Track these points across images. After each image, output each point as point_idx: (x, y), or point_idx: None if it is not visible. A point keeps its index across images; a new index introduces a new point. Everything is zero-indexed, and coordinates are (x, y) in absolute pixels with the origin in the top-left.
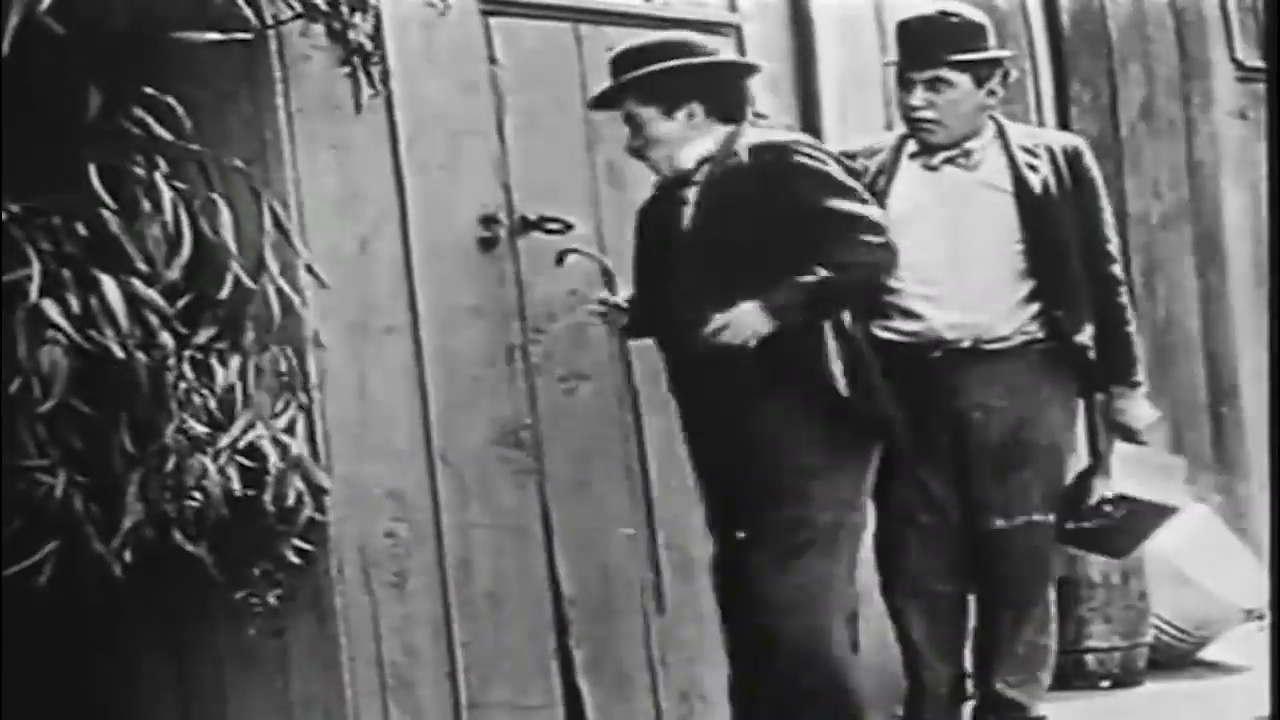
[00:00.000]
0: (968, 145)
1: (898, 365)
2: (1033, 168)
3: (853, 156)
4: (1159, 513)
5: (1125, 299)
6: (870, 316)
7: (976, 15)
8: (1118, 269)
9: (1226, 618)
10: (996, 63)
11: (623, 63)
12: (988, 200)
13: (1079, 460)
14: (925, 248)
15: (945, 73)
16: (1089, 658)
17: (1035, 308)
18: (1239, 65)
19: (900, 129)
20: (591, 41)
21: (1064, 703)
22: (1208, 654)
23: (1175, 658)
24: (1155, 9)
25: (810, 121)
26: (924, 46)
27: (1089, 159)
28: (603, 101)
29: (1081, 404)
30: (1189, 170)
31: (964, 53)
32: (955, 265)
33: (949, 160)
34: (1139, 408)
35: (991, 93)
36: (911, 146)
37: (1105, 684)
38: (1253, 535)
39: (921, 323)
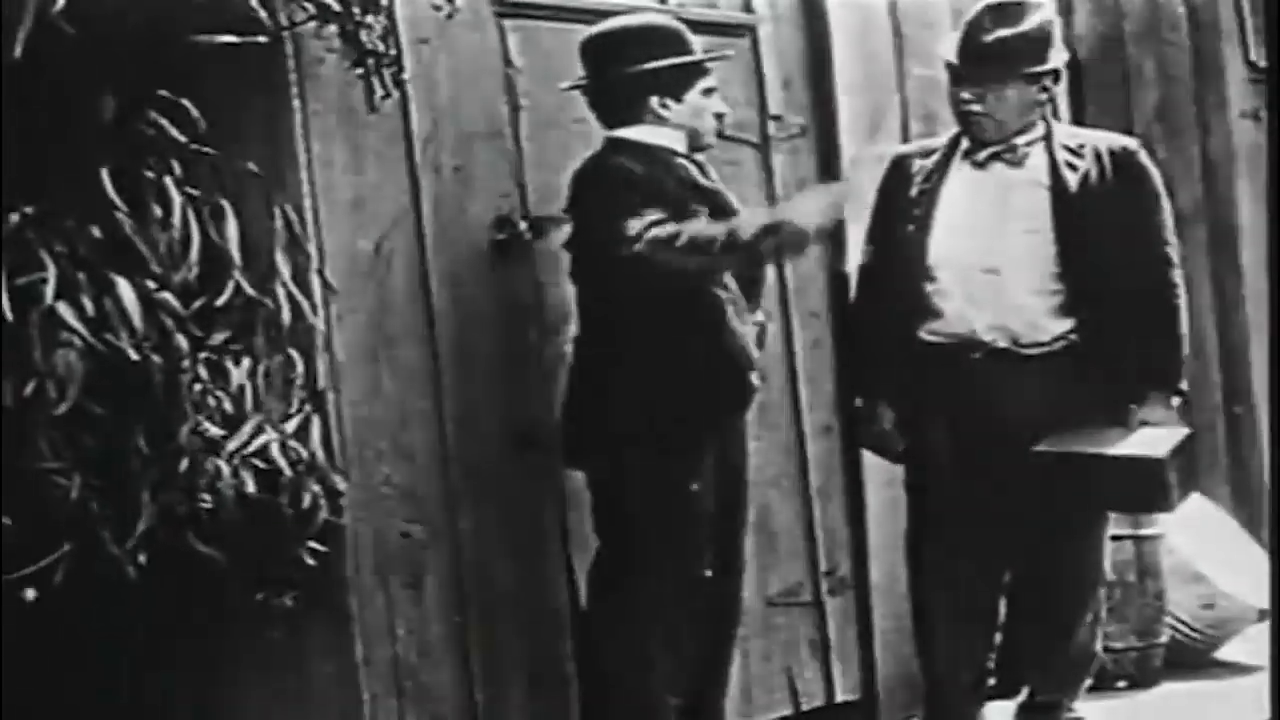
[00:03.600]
0: (1016, 141)
1: (939, 366)
2: (1072, 166)
3: (908, 156)
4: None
5: (1178, 303)
6: (914, 317)
7: (1044, 19)
8: (1175, 274)
9: (1242, 617)
10: None
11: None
12: (1030, 198)
13: None
14: (968, 248)
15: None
16: (1105, 657)
17: (1070, 311)
18: (1253, 67)
19: (953, 127)
20: None
21: (1080, 703)
22: (1224, 654)
23: (1191, 657)
24: (1169, 10)
25: (824, 123)
26: (983, 60)
27: (1144, 159)
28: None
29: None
30: (1203, 171)
31: (1029, 65)
32: (995, 265)
33: (996, 156)
34: (1162, 414)
35: (1044, 89)
36: (964, 145)
37: (1121, 684)
38: (1266, 534)
39: (962, 324)
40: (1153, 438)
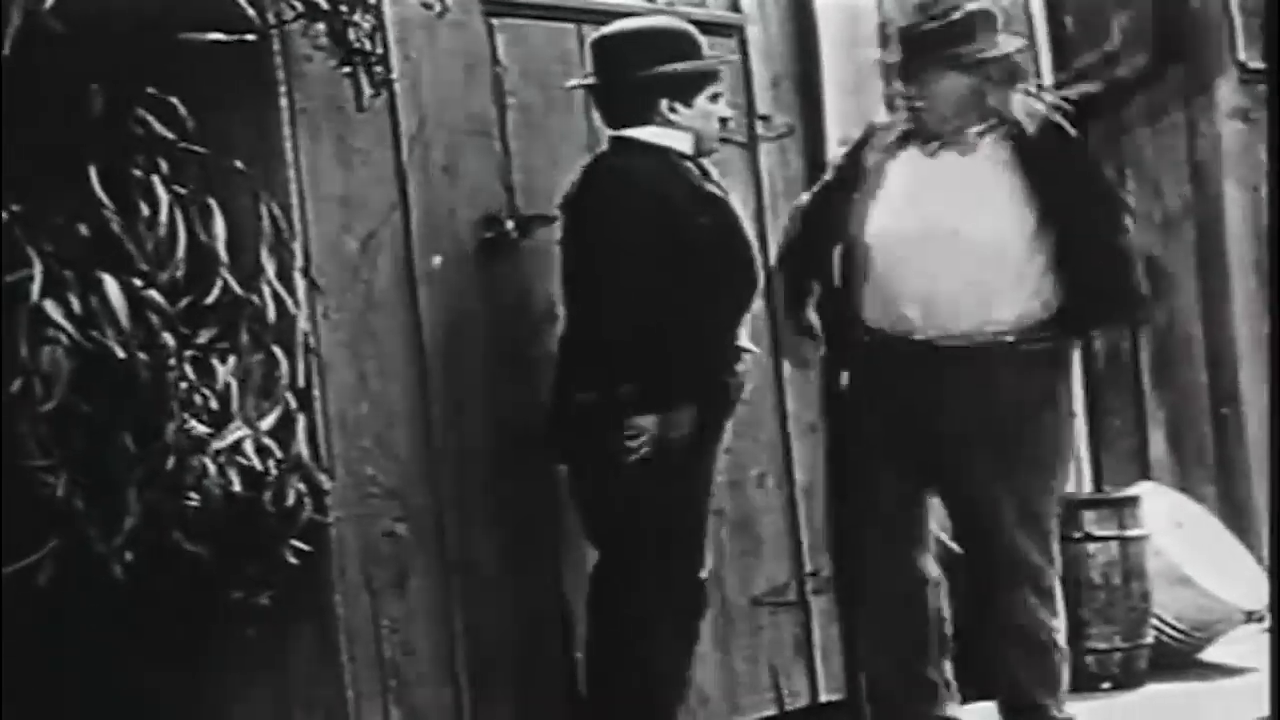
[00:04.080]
0: (966, 130)
1: (890, 358)
2: (1026, 133)
3: (878, 129)
4: None
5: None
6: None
7: (976, 8)
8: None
9: (1227, 619)
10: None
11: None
12: (986, 183)
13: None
14: (908, 238)
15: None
16: (1089, 659)
17: (1036, 300)
18: (1241, 67)
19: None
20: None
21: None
22: (1208, 655)
23: (1176, 659)
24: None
25: (812, 121)
26: (916, 52)
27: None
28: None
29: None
30: (1191, 171)
31: (957, 52)
32: (945, 255)
33: (946, 145)
34: None
35: (988, 78)
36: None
37: (1106, 685)
38: (1253, 536)
39: (912, 315)
40: None
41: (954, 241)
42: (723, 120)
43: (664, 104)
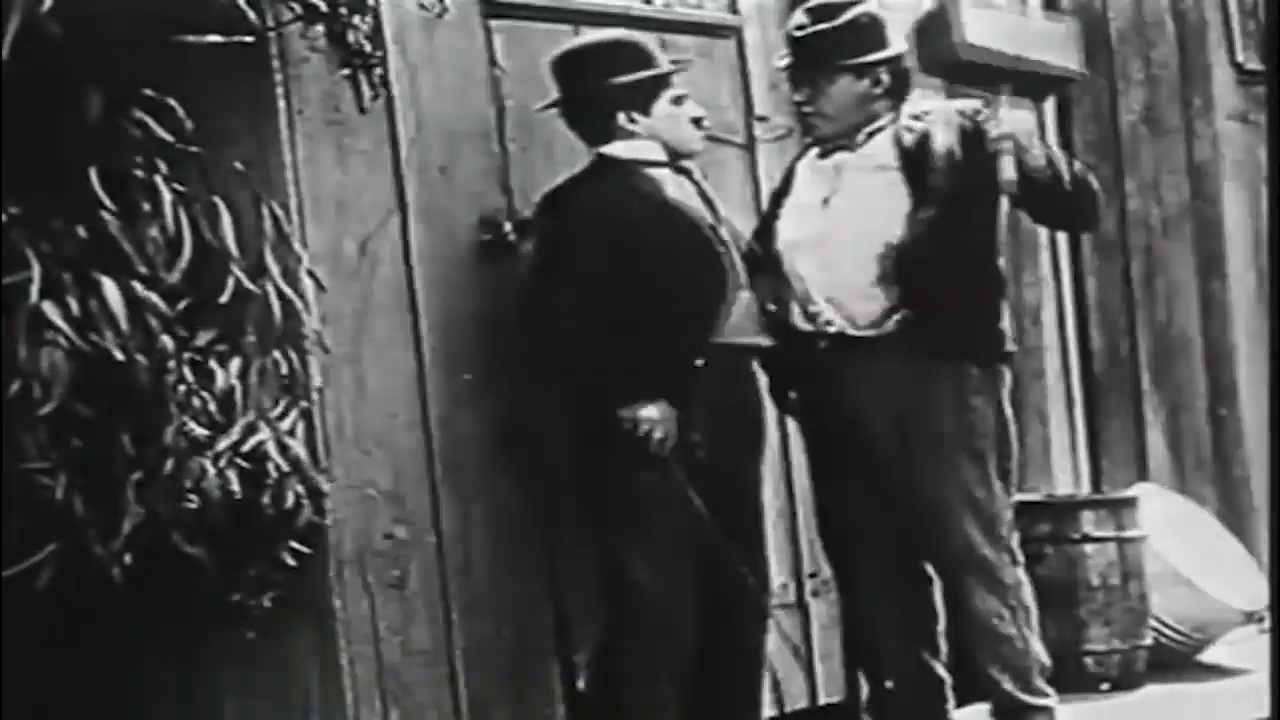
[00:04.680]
0: (858, 134)
1: (800, 356)
2: (910, 130)
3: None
4: None
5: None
6: (780, 302)
7: (861, 11)
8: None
9: (1226, 620)
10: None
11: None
12: (870, 181)
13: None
14: (810, 237)
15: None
16: (1088, 660)
17: (898, 288)
18: (1239, 68)
19: None
20: None
21: (1063, 705)
22: (1207, 657)
23: (1174, 660)
24: (1155, 12)
25: None
26: (805, 57)
27: (985, 122)
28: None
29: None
30: (1189, 173)
31: (845, 57)
32: (831, 251)
33: (838, 148)
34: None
35: (876, 82)
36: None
37: (1104, 686)
38: (1251, 537)
39: (813, 312)
40: None
41: (852, 239)
42: (696, 120)
43: (621, 117)
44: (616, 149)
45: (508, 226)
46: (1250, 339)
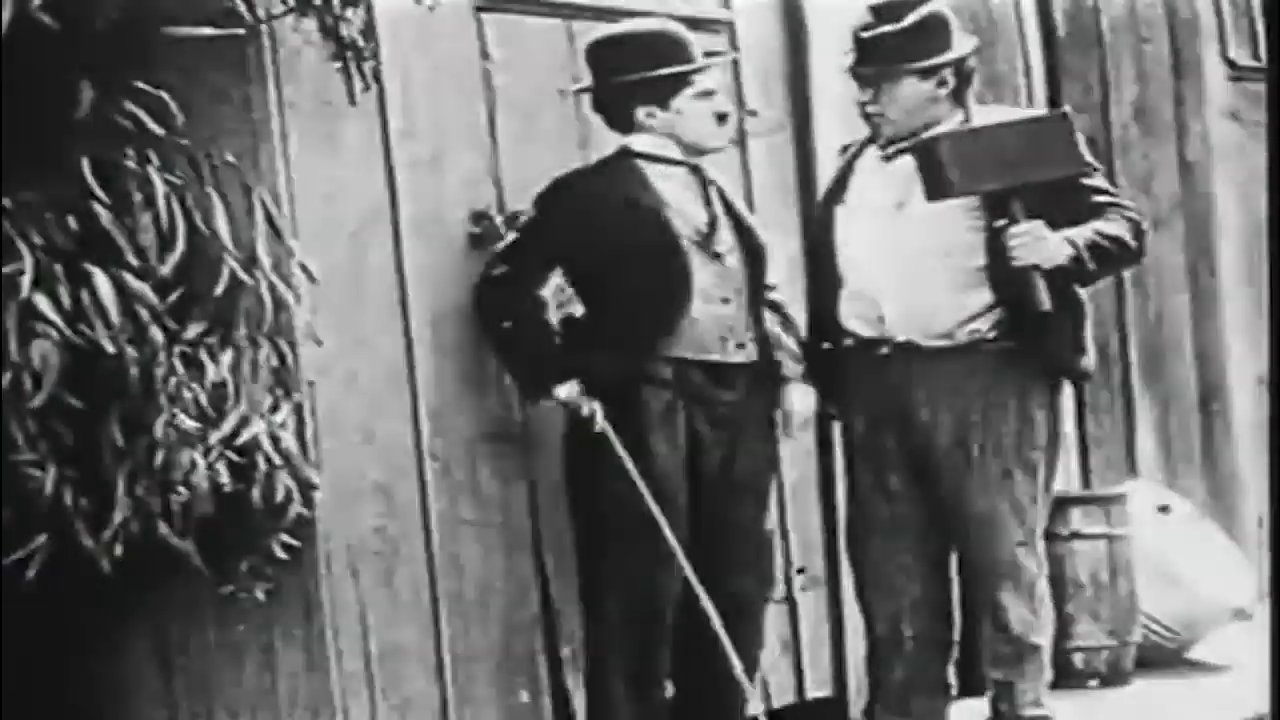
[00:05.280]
0: (924, 136)
1: (855, 362)
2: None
3: (853, 144)
4: None
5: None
6: (833, 304)
7: (929, 11)
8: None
9: (1215, 617)
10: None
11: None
12: None
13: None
14: (883, 242)
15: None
16: (1076, 656)
17: (988, 302)
18: (1231, 65)
19: None
20: (585, 38)
21: (1051, 701)
22: (1195, 653)
23: (1163, 656)
24: (1147, 8)
25: (802, 117)
26: (871, 58)
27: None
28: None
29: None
30: (1180, 170)
31: (913, 58)
32: (907, 258)
33: (904, 151)
34: None
35: (942, 83)
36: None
37: (1093, 683)
38: (1240, 533)
39: (874, 318)
40: None
41: (932, 249)
42: (721, 116)
43: (641, 111)
44: (634, 141)
45: (498, 219)
46: (1240, 336)
